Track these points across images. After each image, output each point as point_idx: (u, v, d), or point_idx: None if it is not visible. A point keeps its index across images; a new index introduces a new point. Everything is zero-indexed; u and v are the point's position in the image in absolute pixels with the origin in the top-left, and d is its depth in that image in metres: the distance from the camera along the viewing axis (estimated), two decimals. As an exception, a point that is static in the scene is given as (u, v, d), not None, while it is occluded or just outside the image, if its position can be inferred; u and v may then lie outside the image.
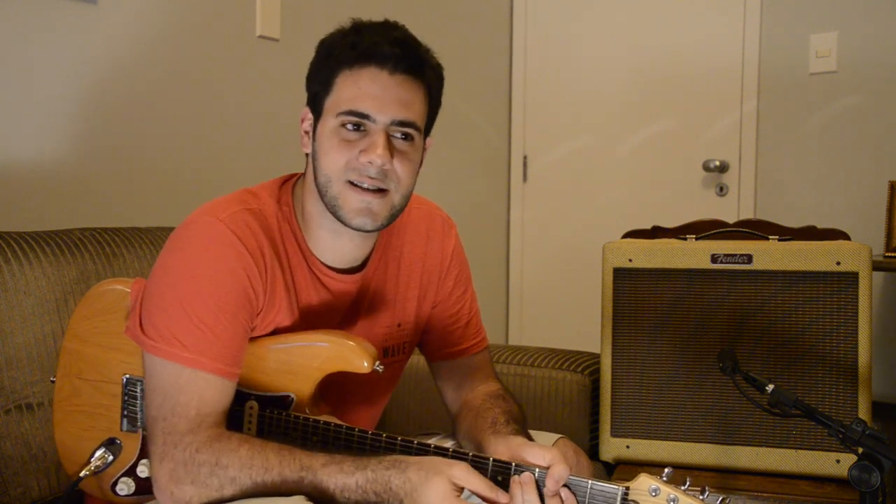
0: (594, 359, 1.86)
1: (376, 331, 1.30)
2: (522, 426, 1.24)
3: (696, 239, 1.76)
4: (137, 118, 2.00)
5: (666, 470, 1.02)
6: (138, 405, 1.19)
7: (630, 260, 1.71)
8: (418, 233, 1.35)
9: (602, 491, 1.02)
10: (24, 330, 1.39)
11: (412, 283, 1.33)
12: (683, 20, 3.01)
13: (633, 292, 1.71)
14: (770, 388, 1.28)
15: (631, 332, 1.71)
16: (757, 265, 1.64)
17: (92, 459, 1.17)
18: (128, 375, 1.20)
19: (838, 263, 1.60)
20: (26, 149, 1.79)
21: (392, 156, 1.13)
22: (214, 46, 2.17)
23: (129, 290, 1.22)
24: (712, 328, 1.66)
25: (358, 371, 1.15)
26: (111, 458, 1.18)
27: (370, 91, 1.13)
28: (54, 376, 1.27)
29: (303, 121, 1.21)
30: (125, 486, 1.18)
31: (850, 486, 1.16)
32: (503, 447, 1.13)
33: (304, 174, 1.24)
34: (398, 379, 1.42)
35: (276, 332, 1.18)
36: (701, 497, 1.00)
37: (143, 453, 1.19)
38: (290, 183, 1.25)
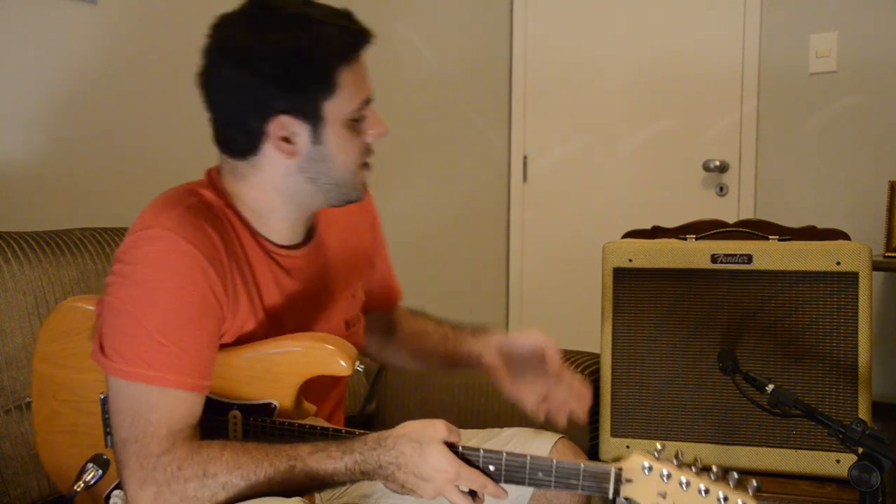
0: (594, 359, 1.86)
1: (339, 308, 1.30)
2: (459, 324, 1.39)
3: (696, 239, 1.76)
4: (138, 118, 2.00)
5: (658, 446, 1.02)
6: None
7: (630, 260, 1.71)
8: None
9: (595, 473, 1.02)
10: (24, 330, 1.39)
11: (354, 250, 1.35)
12: (683, 20, 3.01)
13: (633, 292, 1.71)
14: (770, 388, 1.28)
15: (631, 332, 1.71)
16: (757, 265, 1.64)
17: (83, 474, 1.17)
18: (104, 394, 1.18)
19: (838, 263, 1.60)
20: (26, 149, 1.79)
21: None
22: (214, 46, 2.18)
23: (89, 308, 1.20)
24: (712, 328, 1.66)
25: (338, 374, 1.14)
26: (101, 472, 1.17)
27: (364, 75, 1.14)
28: (29, 397, 1.26)
29: (271, 132, 1.10)
30: (118, 500, 1.18)
31: (850, 486, 1.16)
32: (486, 351, 1.27)
33: (239, 177, 1.17)
34: (361, 346, 1.42)
35: (243, 335, 1.15)
36: (693, 469, 1.00)
37: None
38: (214, 176, 1.20)
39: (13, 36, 1.75)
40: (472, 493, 1.06)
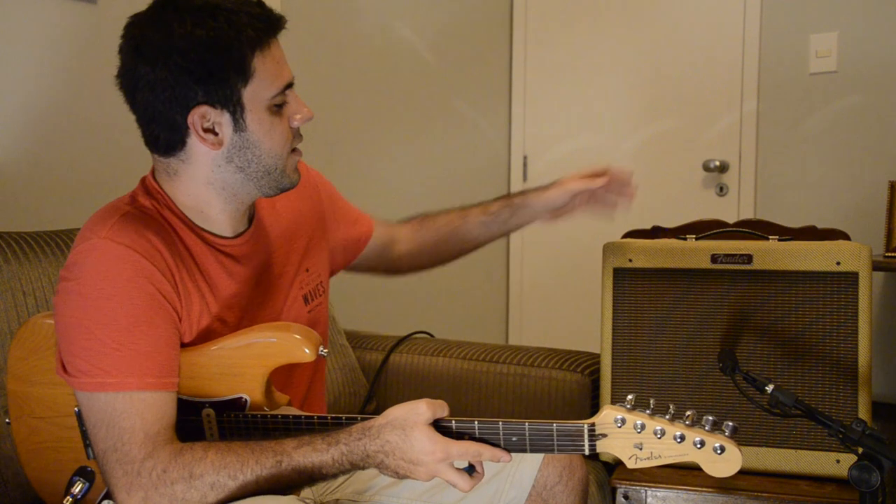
0: (594, 359, 1.86)
1: (291, 286, 1.30)
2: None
3: (697, 239, 1.76)
4: (137, 118, 2.00)
5: (629, 397, 1.02)
6: None
7: (630, 260, 1.71)
8: None
9: (567, 431, 1.03)
10: (24, 330, 1.39)
11: (297, 222, 1.35)
12: (683, 20, 3.01)
13: (633, 292, 1.71)
14: (770, 388, 1.28)
15: (631, 332, 1.71)
16: (757, 265, 1.64)
17: (71, 488, 1.16)
18: (78, 408, 1.17)
19: (838, 263, 1.60)
20: (26, 148, 1.79)
21: None
22: (214, 46, 2.18)
23: (53, 322, 1.19)
24: (712, 328, 1.66)
25: (303, 361, 1.15)
26: (87, 484, 1.16)
27: (281, 60, 1.15)
28: (8, 418, 1.25)
29: (194, 124, 1.11)
30: None
31: (850, 486, 1.16)
32: (544, 198, 1.45)
33: (170, 174, 1.17)
34: (328, 326, 1.43)
35: (202, 331, 1.16)
36: (667, 417, 1.00)
37: None
38: (149, 181, 1.20)
39: (13, 36, 1.75)
40: (472, 469, 1.06)
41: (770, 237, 1.72)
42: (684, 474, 1.64)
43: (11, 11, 1.75)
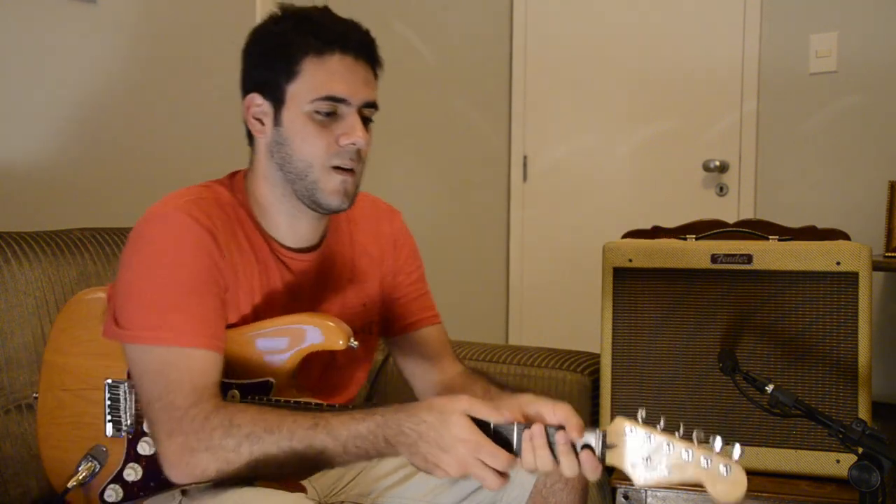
0: (594, 359, 1.86)
1: (344, 312, 1.31)
2: (513, 388, 1.28)
3: (696, 239, 1.76)
4: (137, 118, 2.00)
5: (640, 411, 1.02)
6: (121, 407, 1.20)
7: (630, 260, 1.71)
8: (367, 216, 1.40)
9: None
10: (24, 330, 1.39)
11: (370, 262, 1.37)
12: (683, 20, 3.01)
13: (633, 292, 1.71)
14: (770, 388, 1.28)
15: (631, 332, 1.71)
16: (757, 265, 1.64)
17: (79, 470, 1.18)
18: (110, 379, 1.20)
19: (838, 263, 1.60)
20: (26, 149, 1.79)
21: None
22: (214, 46, 2.17)
23: (101, 296, 1.24)
24: (712, 328, 1.66)
25: (333, 348, 1.17)
26: (98, 466, 1.18)
27: (342, 76, 1.17)
28: (36, 392, 1.27)
29: (249, 107, 1.23)
30: (113, 493, 1.19)
31: (850, 486, 1.16)
32: (513, 403, 1.13)
33: (251, 166, 1.27)
34: (371, 362, 1.44)
35: (244, 318, 1.19)
36: (677, 435, 1.00)
37: (129, 457, 1.19)
38: (240, 175, 1.28)
39: (12, 36, 1.75)
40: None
41: (770, 237, 1.72)
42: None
43: (11, 11, 1.75)
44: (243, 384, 1.17)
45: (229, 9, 2.21)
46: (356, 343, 1.18)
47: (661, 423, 1.01)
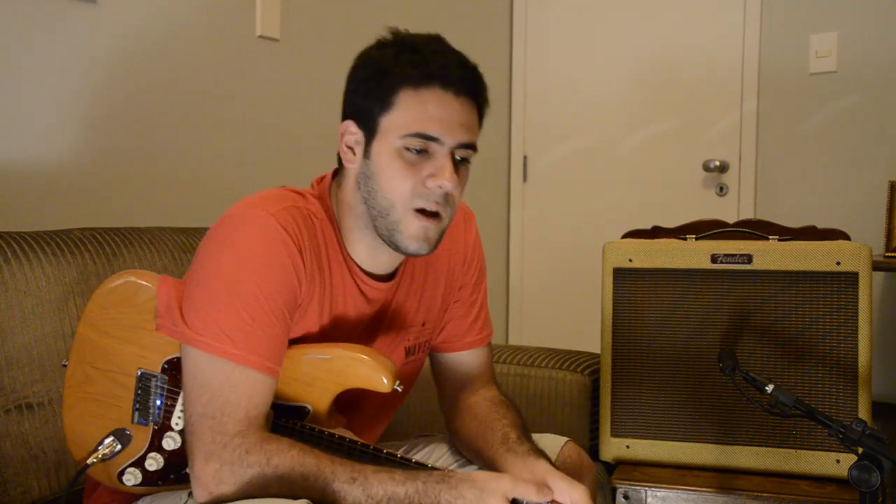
0: (594, 359, 1.86)
1: (401, 333, 1.29)
2: (532, 441, 1.23)
3: (696, 239, 1.76)
4: (137, 118, 2.00)
5: None
6: (150, 400, 1.19)
7: (630, 260, 1.71)
8: None
9: None
10: (24, 330, 1.39)
11: (439, 281, 1.33)
12: (683, 20, 3.01)
13: (633, 292, 1.71)
14: (770, 388, 1.28)
15: (631, 331, 1.71)
16: (757, 265, 1.64)
17: (100, 447, 1.17)
18: (142, 370, 1.19)
19: (838, 263, 1.60)
20: (26, 149, 1.79)
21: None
22: (214, 46, 2.17)
23: (148, 285, 1.20)
24: (712, 328, 1.66)
25: (378, 390, 1.13)
26: (119, 447, 1.17)
27: (438, 114, 1.10)
28: (66, 360, 1.26)
29: (343, 134, 1.17)
30: (132, 477, 1.18)
31: (850, 486, 1.16)
32: (525, 471, 1.12)
33: (335, 180, 1.22)
34: (414, 381, 1.40)
35: (305, 336, 1.17)
36: None
37: (153, 447, 1.18)
38: (326, 185, 1.23)
39: (13, 36, 1.75)
40: None
41: (770, 237, 1.72)
42: (684, 474, 1.64)
43: (11, 11, 1.75)
44: (280, 405, 1.15)
45: (230, 9, 2.21)
46: (401, 387, 1.14)
47: None
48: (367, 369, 1.14)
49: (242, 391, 1.06)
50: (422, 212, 1.12)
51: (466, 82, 1.13)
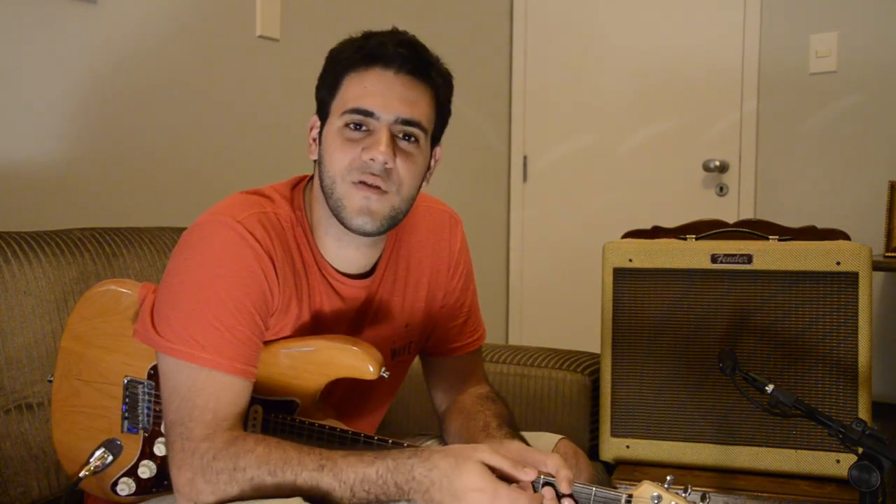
0: (594, 359, 1.86)
1: (384, 334, 1.28)
2: (514, 429, 1.23)
3: (696, 239, 1.76)
4: (137, 118, 2.00)
5: (668, 477, 1.01)
6: (139, 408, 1.19)
7: (630, 260, 1.71)
8: (425, 232, 1.33)
9: (605, 498, 1.01)
10: (24, 330, 1.39)
11: (421, 283, 1.32)
12: (683, 20, 3.01)
13: (633, 292, 1.71)
14: (770, 388, 1.28)
15: (631, 331, 1.71)
16: (757, 265, 1.64)
17: (91, 459, 1.17)
18: (129, 377, 1.20)
19: (838, 263, 1.60)
20: (26, 148, 1.79)
21: (395, 155, 1.12)
22: (214, 46, 2.17)
23: (128, 292, 1.22)
24: (712, 328, 1.66)
25: (364, 377, 1.13)
26: (111, 458, 1.17)
27: (374, 89, 1.12)
28: (51, 376, 1.27)
29: (311, 129, 1.20)
30: (126, 487, 1.18)
31: (850, 486, 1.16)
32: (501, 450, 1.10)
33: (311, 179, 1.23)
34: (402, 382, 1.41)
35: (285, 337, 1.17)
36: (702, 503, 0.99)
37: (144, 454, 1.18)
38: (301, 186, 1.24)
39: (12, 35, 1.75)
40: None
41: (770, 237, 1.72)
42: (684, 474, 1.64)
43: (11, 11, 1.75)
44: (268, 401, 1.15)
45: (230, 9, 2.21)
46: (388, 374, 1.14)
47: (688, 491, 0.99)
48: (352, 357, 1.14)
49: (210, 394, 1.05)
50: (360, 185, 1.12)
51: (406, 59, 1.14)
